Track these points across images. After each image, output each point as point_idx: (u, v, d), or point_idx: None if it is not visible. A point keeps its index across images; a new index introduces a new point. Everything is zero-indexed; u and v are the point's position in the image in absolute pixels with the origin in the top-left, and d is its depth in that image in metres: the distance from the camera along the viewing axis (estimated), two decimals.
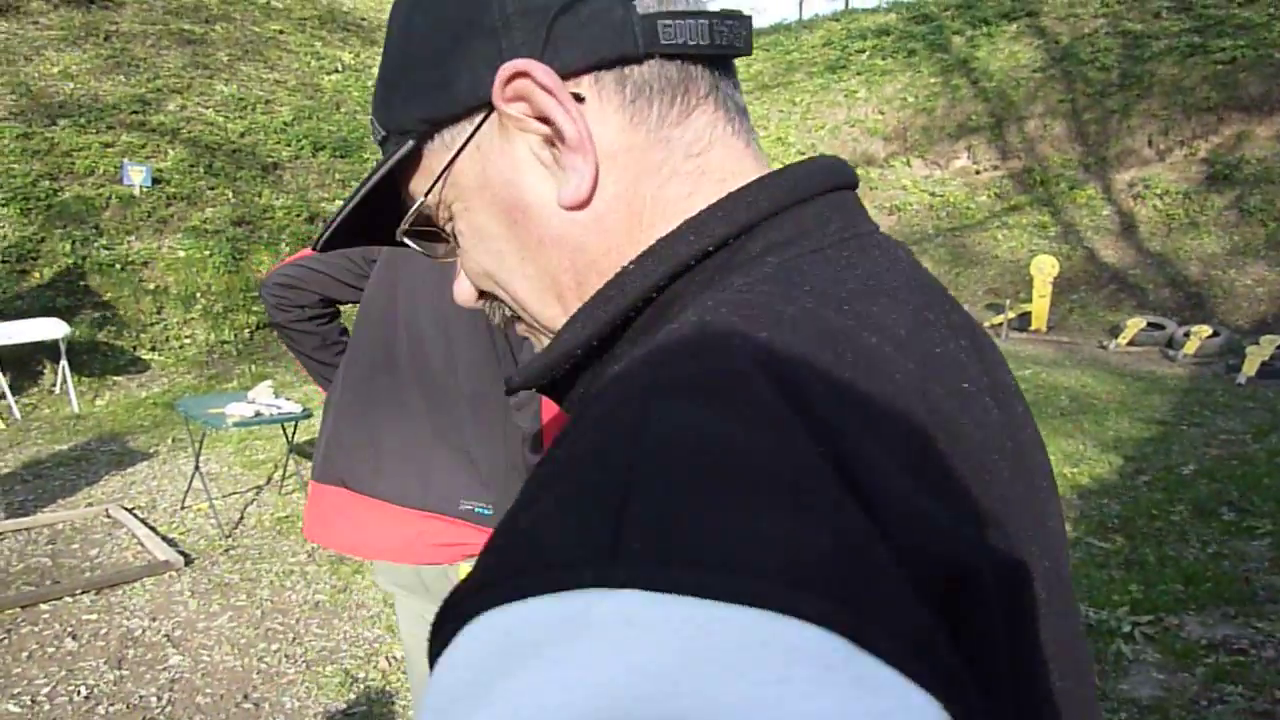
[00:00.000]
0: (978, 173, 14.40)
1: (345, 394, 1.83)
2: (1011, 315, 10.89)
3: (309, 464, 5.82)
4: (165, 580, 3.97)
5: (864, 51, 17.66)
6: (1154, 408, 7.51)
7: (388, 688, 3.23)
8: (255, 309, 8.84)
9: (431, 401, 1.71)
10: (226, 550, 4.34)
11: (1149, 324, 10.21)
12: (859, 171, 15.28)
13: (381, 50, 0.80)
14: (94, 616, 3.63)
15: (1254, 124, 12.12)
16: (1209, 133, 12.48)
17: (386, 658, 3.46)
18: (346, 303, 1.94)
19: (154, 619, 3.64)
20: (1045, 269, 10.68)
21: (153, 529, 4.55)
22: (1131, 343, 9.98)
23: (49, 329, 6.80)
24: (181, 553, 4.24)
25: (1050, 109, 14.16)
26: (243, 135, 10.80)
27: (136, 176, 8.87)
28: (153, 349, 7.90)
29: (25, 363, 7.16)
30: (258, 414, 4.48)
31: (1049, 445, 5.55)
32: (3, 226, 8.02)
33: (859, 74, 17.14)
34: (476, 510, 1.67)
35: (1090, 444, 6.38)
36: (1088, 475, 5.76)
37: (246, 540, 4.48)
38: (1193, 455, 6.14)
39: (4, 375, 6.73)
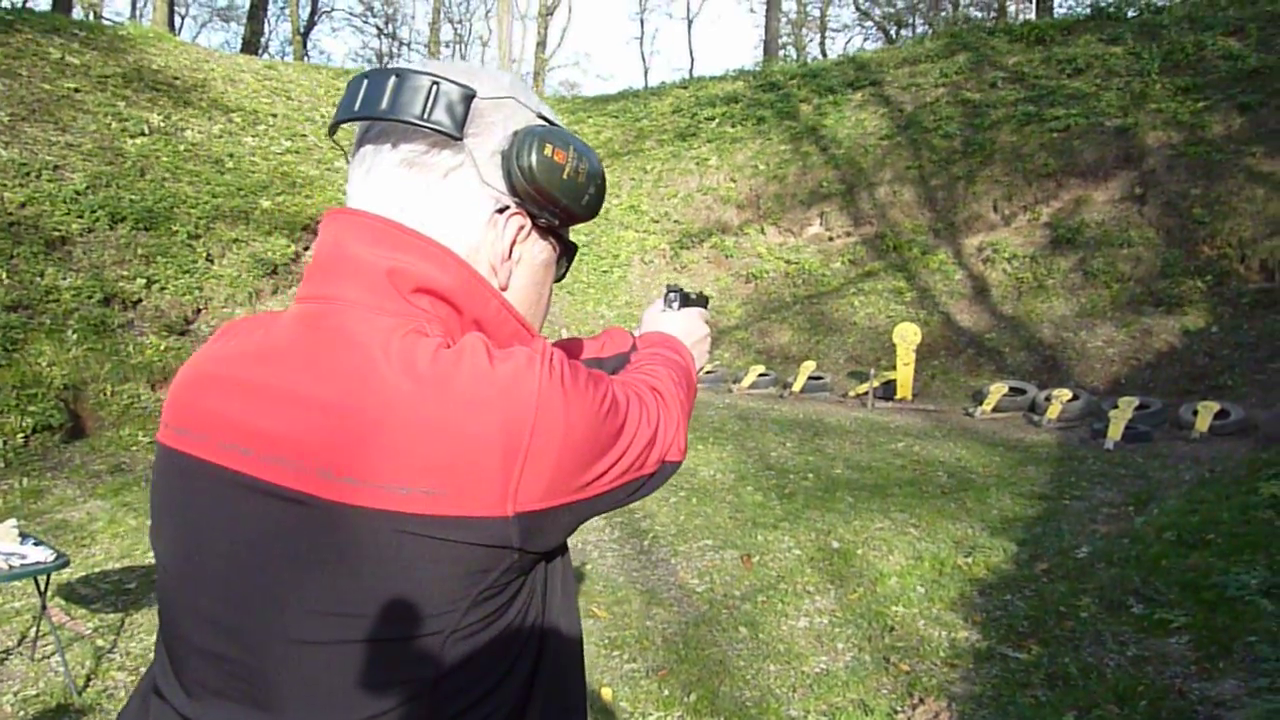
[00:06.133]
0: (831, 239, 14.34)
1: None
2: (876, 384, 10.61)
3: (78, 610, 4.62)
4: None
5: (714, 119, 17.61)
6: (1032, 480, 7.21)
7: None
8: (31, 409, 7.46)
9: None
10: None
11: (1011, 389, 10.13)
12: (714, 239, 15.06)
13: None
14: None
15: (1090, 189, 12.50)
16: (1049, 198, 12.80)
17: None
18: None
19: None
20: (908, 337, 10.48)
21: None
22: (996, 409, 9.84)
23: None
24: None
25: (899, 175, 14.30)
26: (23, 206, 9.39)
27: None
28: None
29: None
30: None
31: (935, 529, 4.95)
32: None
33: (710, 141, 17.03)
34: None
35: (979, 527, 5.93)
36: (984, 566, 5.26)
37: None
38: (1083, 535, 5.78)
39: None
